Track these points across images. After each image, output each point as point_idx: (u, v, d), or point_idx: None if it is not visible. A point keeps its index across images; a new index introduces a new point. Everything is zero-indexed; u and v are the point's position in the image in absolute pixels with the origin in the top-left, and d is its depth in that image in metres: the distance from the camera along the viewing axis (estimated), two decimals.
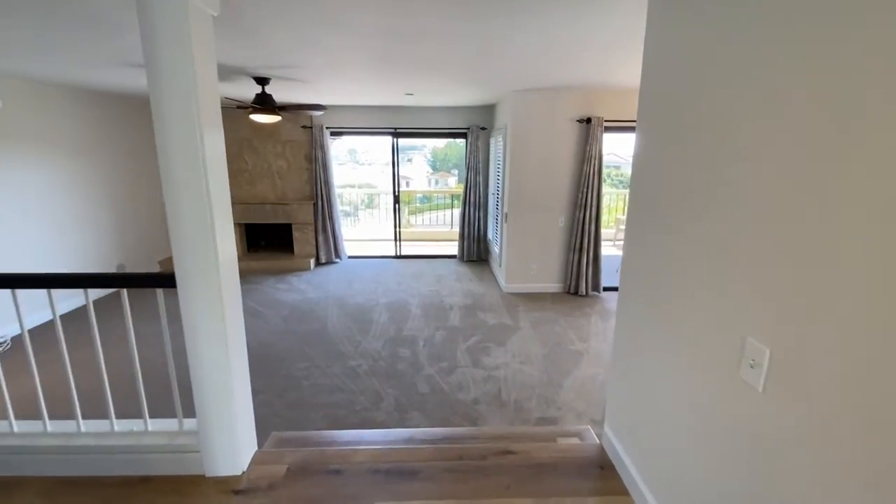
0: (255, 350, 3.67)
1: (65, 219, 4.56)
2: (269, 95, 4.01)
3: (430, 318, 4.44)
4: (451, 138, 6.47)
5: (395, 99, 5.38)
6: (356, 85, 4.35)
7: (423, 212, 15.54)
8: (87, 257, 4.85)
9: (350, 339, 3.95)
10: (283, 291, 5.25)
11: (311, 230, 6.40)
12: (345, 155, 28.03)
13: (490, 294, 5.17)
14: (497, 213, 5.83)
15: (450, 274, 5.99)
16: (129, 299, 1.79)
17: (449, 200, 10.18)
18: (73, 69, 3.71)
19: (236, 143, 6.27)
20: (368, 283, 5.59)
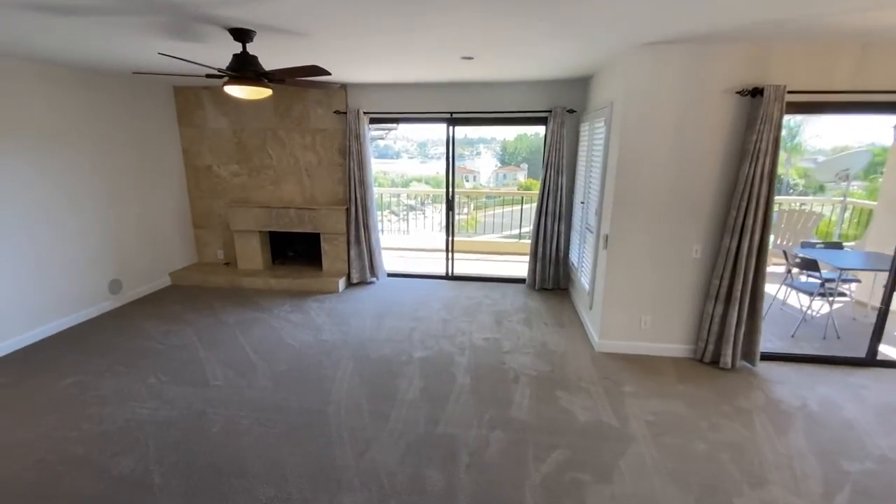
0: (205, 448, 2.38)
1: (27, 227, 3.61)
2: (254, 58, 2.67)
3: (484, 398, 2.89)
4: (525, 125, 4.83)
5: (450, 69, 3.85)
6: (385, 41, 2.88)
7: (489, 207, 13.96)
8: (61, 275, 3.90)
9: (355, 435, 2.53)
10: (294, 327, 3.97)
11: (342, 242, 5.11)
12: (415, 149, 27.30)
13: (575, 354, 3.50)
14: (585, 229, 4.12)
15: (516, 310, 4.37)
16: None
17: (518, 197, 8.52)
18: (61, 38, 2.63)
19: (260, 134, 5.13)
20: (405, 318, 4.16)
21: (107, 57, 3.34)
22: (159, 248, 5.01)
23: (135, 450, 2.41)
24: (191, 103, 5.11)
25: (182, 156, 5.28)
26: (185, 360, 3.37)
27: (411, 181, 22.56)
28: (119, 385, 3.03)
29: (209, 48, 2.96)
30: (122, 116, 4.40)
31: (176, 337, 3.77)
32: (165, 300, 4.65)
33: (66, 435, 2.52)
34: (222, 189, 5.34)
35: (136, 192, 4.63)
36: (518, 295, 4.80)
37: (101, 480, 2.18)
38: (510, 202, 8.86)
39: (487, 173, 26.95)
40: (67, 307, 3.96)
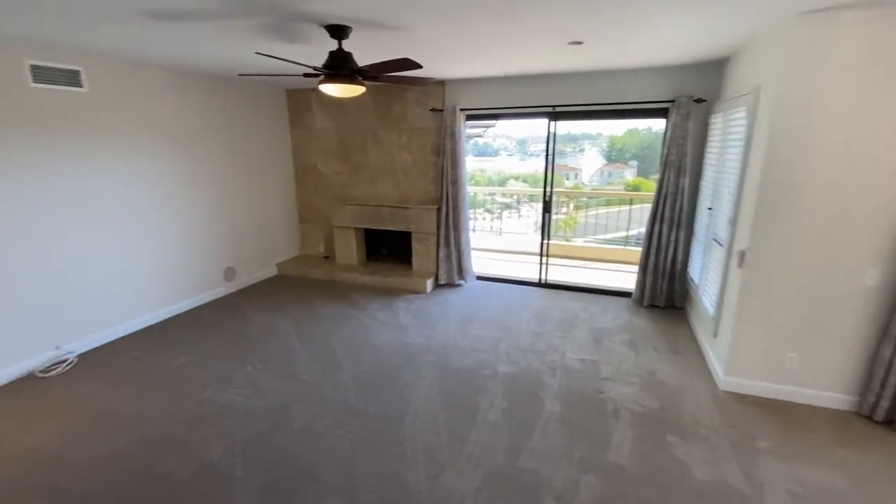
0: (285, 445, 2.38)
1: (162, 217, 4.07)
2: (348, 55, 2.62)
3: (575, 431, 2.52)
4: (639, 118, 4.25)
5: (555, 58, 3.49)
6: (485, 30, 2.65)
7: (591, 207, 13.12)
8: (188, 261, 4.36)
9: (430, 454, 2.35)
10: (381, 327, 3.96)
11: (432, 242, 5.01)
12: (514, 146, 26.83)
13: (693, 391, 2.93)
14: (711, 240, 3.47)
15: (619, 329, 3.86)
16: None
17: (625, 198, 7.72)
18: (179, 45, 2.95)
19: (360, 133, 5.25)
20: (491, 327, 3.91)
21: (218, 61, 3.58)
22: (269, 241, 5.40)
23: (224, 437, 2.51)
24: (301, 106, 5.41)
25: (292, 155, 5.63)
26: (280, 351, 3.51)
27: (508, 179, 22.13)
28: (221, 369, 3.24)
29: (307, 48, 3.00)
30: (240, 119, 4.79)
31: (275, 326, 3.98)
32: (271, 290, 4.98)
33: (172, 413, 2.73)
34: (325, 186, 5.59)
35: (250, 188, 5.02)
36: (622, 311, 4.25)
37: (191, 464, 2.29)
38: (616, 203, 8.12)
39: (591, 171, 25.44)
40: (190, 290, 4.41)
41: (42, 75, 3.09)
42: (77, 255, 3.44)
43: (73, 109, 3.30)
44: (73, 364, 3.31)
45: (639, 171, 25.11)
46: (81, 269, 3.47)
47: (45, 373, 3.17)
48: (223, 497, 2.08)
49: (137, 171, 3.81)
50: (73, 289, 3.42)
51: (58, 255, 3.31)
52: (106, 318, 3.68)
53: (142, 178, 3.85)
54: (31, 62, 3.03)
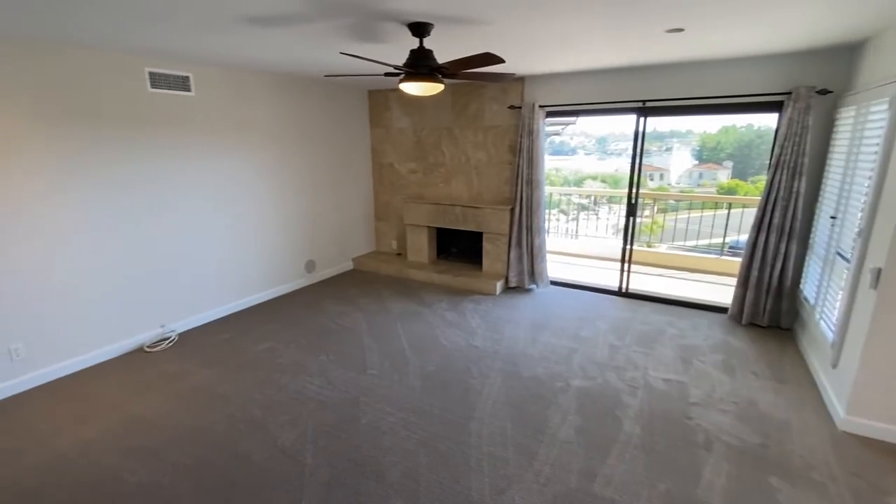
0: (352, 439, 2.41)
1: (253, 211, 4.38)
2: (429, 52, 2.59)
3: (659, 460, 2.28)
4: (746, 113, 3.77)
5: (648, 48, 3.20)
6: (577, 22, 2.48)
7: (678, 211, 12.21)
8: (274, 253, 4.66)
9: (496, 466, 2.25)
10: (448, 327, 3.92)
11: (504, 243, 4.89)
12: (592, 144, 25.63)
13: (803, 427, 2.53)
14: (834, 254, 2.97)
15: (712, 348, 3.47)
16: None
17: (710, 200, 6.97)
18: (272, 48, 3.16)
19: (436, 132, 5.27)
20: (564, 336, 3.70)
21: (306, 63, 3.74)
22: (346, 236, 5.61)
23: (298, 424, 2.61)
24: (381, 105, 5.55)
25: (371, 154, 5.80)
26: (351, 344, 3.61)
27: (585, 179, 21.18)
28: (297, 357, 3.40)
29: (389, 48, 3.03)
30: (325, 119, 5.01)
31: (348, 319, 4.11)
32: (346, 283, 5.17)
33: (253, 396, 2.90)
34: (400, 185, 5.69)
35: (332, 186, 5.25)
36: (715, 328, 3.82)
37: (267, 447, 2.41)
38: (707, 206, 7.40)
39: (678, 171, 23.59)
40: (275, 280, 4.71)
41: (158, 81, 3.44)
42: (182, 243, 3.80)
43: (182, 111, 3.65)
44: (174, 342, 3.66)
45: (734, 173, 22.80)
46: (185, 256, 3.83)
47: (152, 348, 3.54)
48: (293, 484, 2.15)
49: (234, 168, 4.13)
50: (176, 273, 3.79)
51: (165, 242, 3.68)
52: (203, 301, 4.04)
53: (237, 175, 4.17)
54: (150, 69, 3.38)
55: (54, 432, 2.54)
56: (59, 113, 2.96)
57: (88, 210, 3.18)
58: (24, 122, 2.81)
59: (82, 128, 3.07)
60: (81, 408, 2.78)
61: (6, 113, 2.74)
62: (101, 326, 3.34)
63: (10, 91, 2.74)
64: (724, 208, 6.29)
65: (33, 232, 2.92)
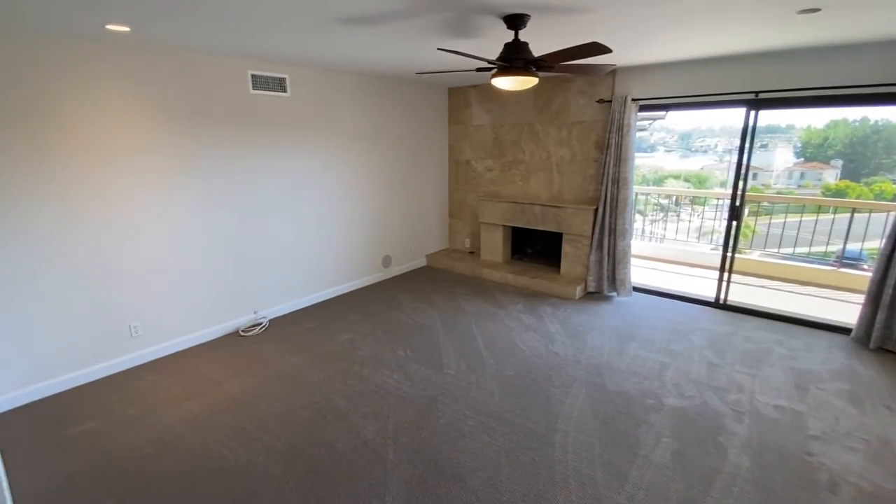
0: (432, 438, 2.40)
1: (336, 207, 4.55)
2: (525, 45, 2.49)
3: (773, 498, 2.01)
4: (879, 104, 3.24)
5: (770, 31, 2.84)
6: (694, 4, 2.25)
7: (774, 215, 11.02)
8: (354, 247, 4.81)
9: (583, 484, 2.12)
10: (525, 330, 3.80)
11: (585, 245, 4.65)
12: (674, 141, 23.93)
13: None
14: None
15: (832, 375, 3.03)
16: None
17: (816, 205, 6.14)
18: (364, 48, 3.24)
19: (516, 129, 5.13)
20: (655, 349, 3.43)
21: (395, 61, 3.77)
22: (421, 233, 5.67)
23: (379, 417, 2.65)
24: (460, 103, 5.51)
25: (448, 151, 5.80)
26: (427, 341, 3.62)
27: (666, 178, 19.77)
28: (376, 350, 3.47)
29: (481, 42, 2.95)
30: (405, 116, 5.07)
31: (423, 316, 4.13)
32: (420, 279, 5.22)
33: (337, 386, 2.99)
34: (476, 182, 5.63)
35: (410, 183, 5.32)
36: (836, 351, 3.34)
37: (350, 438, 2.46)
38: (816, 209, 6.54)
39: (776, 171, 21.26)
40: (355, 273, 4.87)
41: (259, 83, 3.66)
42: (274, 235, 4.03)
43: (279, 111, 3.85)
44: (266, 328, 3.90)
45: (844, 173, 20.12)
46: (276, 248, 4.07)
47: (246, 332, 3.80)
48: (376, 478, 2.17)
49: (320, 166, 4.30)
50: (268, 264, 4.03)
51: (260, 234, 3.92)
52: (291, 290, 4.27)
53: (323, 172, 4.34)
54: (252, 72, 3.60)
55: (164, 405, 2.80)
56: (176, 113, 3.24)
57: (196, 203, 3.47)
58: (146, 121, 3.11)
59: (194, 127, 3.35)
60: (186, 385, 3.03)
61: (136, 113, 3.05)
62: (203, 310, 3.64)
63: (137, 93, 3.04)
64: (829, 213, 5.54)
65: (151, 221, 3.24)
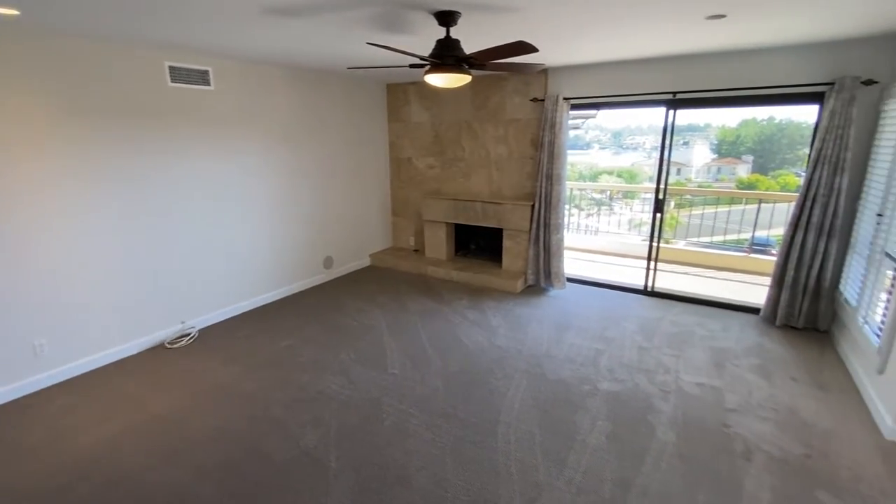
0: (376, 441, 2.36)
1: (272, 207, 4.34)
2: (456, 42, 2.50)
3: (697, 470, 2.18)
4: (783, 104, 3.61)
5: (684, 35, 3.06)
6: (612, 8, 2.36)
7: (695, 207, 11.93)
8: (292, 249, 4.62)
9: (525, 473, 2.18)
10: (469, 326, 3.84)
11: (524, 240, 4.78)
12: (608, 139, 25.20)
13: (849, 438, 2.40)
14: (877, 253, 2.82)
15: (746, 351, 3.33)
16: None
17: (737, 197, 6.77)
18: (292, 41, 3.08)
19: (455, 126, 5.16)
20: (590, 337, 3.60)
21: (326, 55, 3.64)
22: (364, 232, 5.56)
23: (321, 424, 2.56)
24: (399, 100, 5.46)
25: (388, 149, 5.72)
26: (371, 342, 3.55)
27: (601, 174, 20.85)
28: (318, 355, 3.35)
29: (414, 39, 2.94)
30: (342, 113, 4.94)
31: (367, 317, 4.05)
32: (364, 280, 5.12)
33: (275, 395, 2.86)
34: (419, 180, 5.61)
35: (350, 181, 5.19)
36: (748, 329, 3.68)
37: (290, 448, 2.36)
38: (728, 201, 7.16)
39: (697, 166, 23.11)
40: (293, 276, 4.68)
41: (178, 75, 3.40)
42: (201, 238, 3.77)
43: (202, 106, 3.61)
44: (195, 338, 3.65)
45: (754, 167, 22.23)
46: (204, 251, 3.81)
47: (172, 344, 3.53)
48: (319, 487, 2.10)
49: (252, 163, 4.08)
50: (196, 269, 3.77)
51: (185, 237, 3.66)
52: (223, 297, 4.02)
53: (255, 170, 4.13)
54: (170, 63, 3.34)
55: (77, 429, 2.54)
56: (83, 109, 2.93)
57: (109, 205, 3.16)
58: (49, 117, 2.79)
59: (105, 123, 3.05)
60: (105, 405, 2.77)
61: (33, 109, 2.72)
62: (122, 322, 3.34)
63: (38, 88, 2.72)
64: (745, 203, 6.11)
65: (56, 227, 2.91)
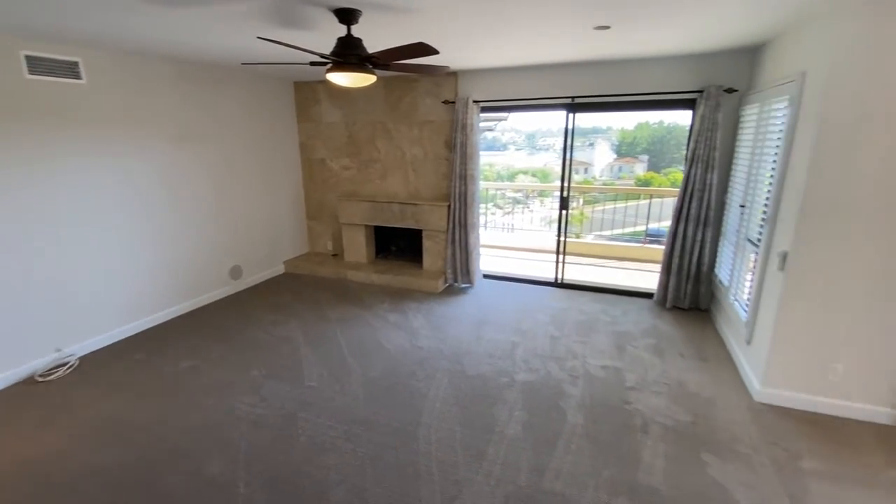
0: (291, 459, 2.23)
1: (165, 215, 3.93)
2: (358, 41, 2.44)
3: (602, 448, 2.35)
4: (663, 109, 4.04)
5: (577, 44, 3.28)
6: (508, 14, 2.45)
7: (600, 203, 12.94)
8: (193, 260, 4.23)
9: (445, 472, 2.19)
10: (391, 329, 3.80)
11: (443, 240, 4.84)
12: (523, 140, 26.40)
13: (726, 402, 2.73)
14: (744, 240, 3.25)
15: (642, 333, 3.66)
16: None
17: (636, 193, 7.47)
18: (178, 32, 2.79)
19: (370, 127, 5.07)
20: (507, 331, 3.73)
21: (219, 49, 3.38)
22: (276, 238, 5.26)
23: (227, 449, 2.36)
24: (308, 99, 5.24)
25: (299, 150, 5.47)
26: (287, 355, 3.37)
27: (517, 174, 21.83)
28: (226, 375, 3.10)
29: (315, 36, 2.83)
30: (245, 112, 4.63)
31: (282, 328, 3.84)
32: (278, 288, 4.84)
33: (174, 422, 2.59)
34: (334, 182, 5.43)
35: (257, 184, 4.88)
36: (644, 313, 4.05)
37: (192, 480, 2.15)
38: (626, 198, 7.89)
39: (601, 166, 25.07)
40: (195, 289, 4.29)
41: (38, 66, 2.95)
42: (79, 253, 3.31)
43: (72, 102, 3.16)
44: (75, 367, 3.20)
45: (650, 166, 24.70)
46: (83, 268, 3.35)
47: (46, 376, 3.06)
48: None
49: (140, 167, 3.67)
50: (74, 288, 3.30)
51: (58, 252, 3.19)
52: (109, 318, 3.56)
53: (145, 174, 3.71)
54: (26, 52, 2.88)
55: None
56: None
57: None
58: None
59: None
60: None
61: None
62: None
63: None
64: (642, 199, 6.73)
65: None
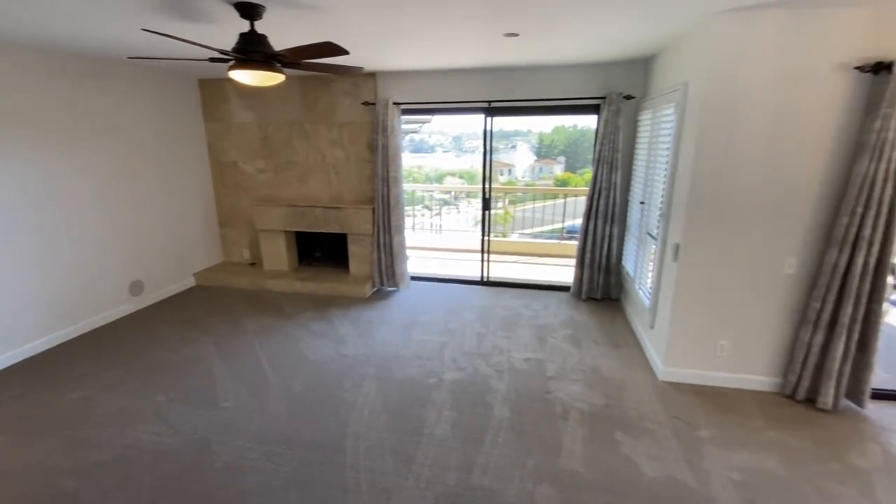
0: (203, 489, 2.05)
1: (44, 227, 3.44)
2: (262, 37, 2.31)
3: (527, 439, 2.44)
4: (573, 114, 4.29)
5: (491, 50, 3.38)
6: (417, 15, 2.46)
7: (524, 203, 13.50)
8: (81, 277, 3.74)
9: (374, 481, 2.15)
10: (315, 338, 3.65)
11: (369, 243, 4.75)
12: (449, 142, 26.79)
13: (635, 384, 2.97)
14: (645, 234, 3.57)
15: (561, 324, 3.87)
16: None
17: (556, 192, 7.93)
18: (55, 22, 2.41)
19: (286, 128, 4.84)
20: (435, 331, 3.75)
21: (105, 42, 3.04)
22: (184, 248, 4.83)
23: (128, 486, 2.12)
24: (216, 97, 4.88)
25: (207, 151, 5.07)
26: (198, 375, 3.10)
27: (445, 176, 22.14)
28: (125, 403, 2.78)
29: (216, 29, 2.63)
30: (142, 111, 4.19)
31: (192, 346, 3.53)
32: (187, 303, 4.45)
33: (61, 463, 2.27)
34: (248, 186, 5.11)
35: (160, 190, 4.44)
36: (562, 306, 4.29)
37: None
38: (548, 197, 8.33)
39: (523, 167, 26.21)
40: (85, 310, 3.79)
41: None
42: None
43: None
44: None
45: (567, 167, 26.32)
46: None
47: None
48: None
49: (11, 174, 3.17)
50: None
51: None
52: None
53: (17, 182, 3.22)
54: None
55: None
56: None
57: None
58: None
59: None
60: None
61: None
62: None
63: None
64: (559, 198, 7.13)
65: None
